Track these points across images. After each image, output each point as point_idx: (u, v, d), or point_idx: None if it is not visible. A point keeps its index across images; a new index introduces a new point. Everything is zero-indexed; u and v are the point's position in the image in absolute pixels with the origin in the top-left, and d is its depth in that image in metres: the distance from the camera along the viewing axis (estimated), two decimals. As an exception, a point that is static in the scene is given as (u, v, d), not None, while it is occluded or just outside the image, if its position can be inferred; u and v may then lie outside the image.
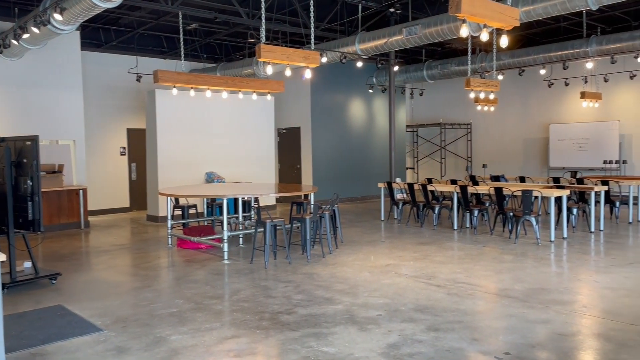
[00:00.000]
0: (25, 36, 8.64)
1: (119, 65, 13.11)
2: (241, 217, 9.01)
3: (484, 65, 13.17)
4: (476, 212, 9.29)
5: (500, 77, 12.78)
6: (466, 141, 16.59)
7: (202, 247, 8.20)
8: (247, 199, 9.74)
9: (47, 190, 10.02)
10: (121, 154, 13.31)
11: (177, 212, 10.64)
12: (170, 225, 8.48)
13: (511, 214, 8.64)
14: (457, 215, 9.55)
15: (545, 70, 12.93)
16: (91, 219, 11.79)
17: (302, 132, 14.37)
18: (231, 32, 12.26)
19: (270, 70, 7.54)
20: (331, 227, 8.19)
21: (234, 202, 9.96)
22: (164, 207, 11.24)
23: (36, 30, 8.17)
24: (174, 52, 13.57)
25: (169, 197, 8.48)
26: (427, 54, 15.23)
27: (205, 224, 9.56)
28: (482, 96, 10.94)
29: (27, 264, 6.33)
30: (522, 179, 11.68)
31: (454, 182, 10.75)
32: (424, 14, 10.91)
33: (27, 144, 5.84)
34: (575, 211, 9.21)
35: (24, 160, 5.87)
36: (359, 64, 11.37)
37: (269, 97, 12.50)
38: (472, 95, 10.90)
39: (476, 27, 7.95)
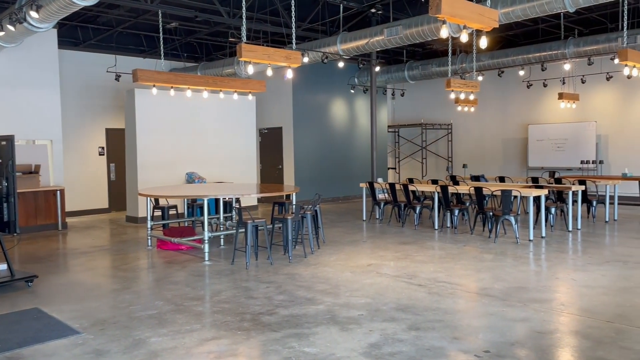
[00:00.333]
0: (0, 34, 8.47)
1: (98, 64, 12.93)
2: (222, 217, 8.95)
3: (464, 66, 13.30)
4: (457, 212, 9.37)
5: (480, 78, 12.92)
6: (447, 141, 16.73)
7: (182, 248, 8.13)
8: (228, 199, 9.68)
9: (24, 190, 9.85)
10: (100, 154, 13.13)
11: (157, 213, 10.54)
12: (150, 226, 8.39)
13: (491, 214, 8.73)
14: (438, 215, 9.62)
15: (524, 71, 13.10)
16: (69, 220, 11.60)
17: (284, 132, 14.34)
18: (212, 31, 12.18)
19: (251, 69, 7.52)
20: (313, 227, 8.18)
21: (215, 202, 9.90)
22: (143, 208, 11.11)
23: (12, 28, 8.01)
24: (154, 51, 13.43)
25: (149, 198, 8.38)
26: (408, 55, 15.32)
27: (185, 225, 9.48)
28: (463, 97, 11.04)
29: (3, 266, 6.19)
30: (502, 179, 11.81)
31: (434, 182, 10.83)
32: (405, 14, 10.96)
33: (3, 143, 5.73)
34: (553, 210, 9.34)
35: (-1, 160, 5.75)
36: (341, 64, 11.38)
37: (250, 97, 12.44)
38: (453, 95, 11.01)
39: (456, 28, 8.01)
